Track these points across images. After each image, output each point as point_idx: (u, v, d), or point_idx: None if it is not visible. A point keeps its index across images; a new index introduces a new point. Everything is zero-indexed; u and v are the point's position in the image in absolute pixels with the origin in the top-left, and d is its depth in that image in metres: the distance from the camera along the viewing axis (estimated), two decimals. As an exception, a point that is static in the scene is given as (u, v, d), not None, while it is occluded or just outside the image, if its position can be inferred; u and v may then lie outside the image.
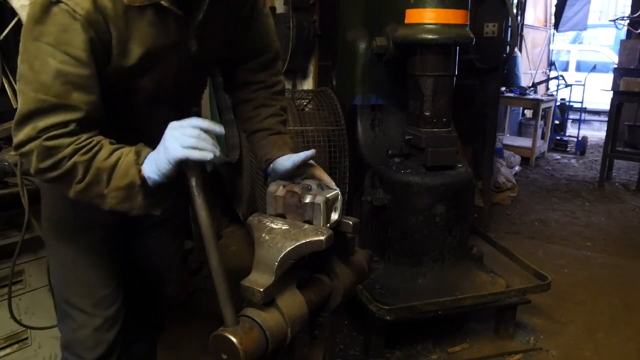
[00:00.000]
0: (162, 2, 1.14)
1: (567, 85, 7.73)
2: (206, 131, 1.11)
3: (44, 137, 1.08)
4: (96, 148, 1.12)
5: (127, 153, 1.13)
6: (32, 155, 1.09)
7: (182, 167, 1.12)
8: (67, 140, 1.09)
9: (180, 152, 1.08)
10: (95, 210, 1.20)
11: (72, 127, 1.10)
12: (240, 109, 1.52)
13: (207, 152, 1.10)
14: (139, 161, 1.12)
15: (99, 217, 1.32)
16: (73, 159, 1.09)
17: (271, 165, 1.41)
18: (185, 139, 1.09)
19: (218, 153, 1.12)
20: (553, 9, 8.53)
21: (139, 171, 1.12)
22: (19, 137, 1.10)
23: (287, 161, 1.37)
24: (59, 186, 1.15)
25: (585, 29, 9.36)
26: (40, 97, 1.07)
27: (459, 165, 2.73)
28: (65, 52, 1.07)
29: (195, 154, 1.09)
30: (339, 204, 1.29)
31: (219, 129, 1.14)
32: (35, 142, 1.08)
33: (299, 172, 1.38)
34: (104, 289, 1.44)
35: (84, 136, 1.11)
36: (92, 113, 1.13)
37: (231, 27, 1.38)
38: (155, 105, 1.30)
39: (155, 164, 1.11)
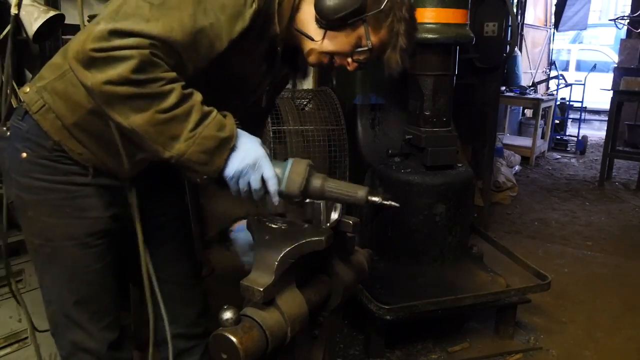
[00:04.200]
0: (278, 49, 1.26)
1: (567, 85, 7.73)
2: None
3: (153, 51, 1.00)
4: (193, 91, 1.06)
5: (219, 113, 1.10)
6: (126, 62, 0.98)
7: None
8: (169, 68, 1.03)
9: (233, 174, 1.10)
10: (97, 219, 1.31)
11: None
12: None
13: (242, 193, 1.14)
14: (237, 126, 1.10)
15: (100, 226, 1.34)
16: (173, 85, 1.02)
17: None
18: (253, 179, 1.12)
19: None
20: (553, 9, 8.53)
21: (236, 133, 1.09)
22: (123, 41, 0.98)
23: None
24: (134, 103, 1.01)
25: (585, 29, 9.36)
26: (175, 28, 1.03)
27: (459, 165, 2.73)
28: (230, 17, 1.09)
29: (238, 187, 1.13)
30: (338, 204, 1.29)
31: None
32: (141, 50, 0.99)
33: None
34: (99, 303, 1.42)
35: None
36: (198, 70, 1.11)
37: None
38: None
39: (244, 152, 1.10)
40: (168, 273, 1.56)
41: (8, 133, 1.33)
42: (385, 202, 1.18)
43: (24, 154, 1.29)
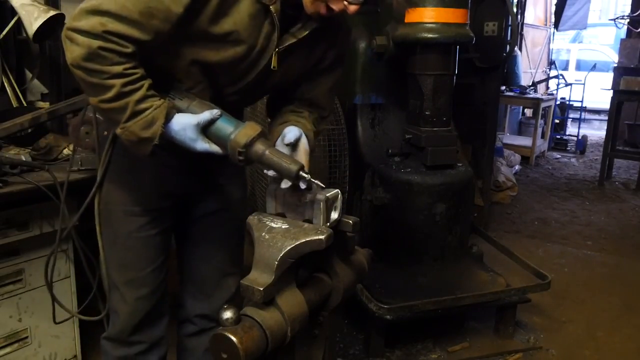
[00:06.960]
0: (271, 8, 1.23)
1: (567, 84, 7.74)
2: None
3: (102, 44, 1.10)
4: (137, 85, 1.16)
5: (158, 106, 1.19)
6: (79, 49, 1.10)
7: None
8: (118, 59, 1.13)
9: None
10: (149, 195, 1.43)
11: (130, 49, 1.14)
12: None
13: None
14: (165, 121, 1.19)
15: (150, 201, 1.46)
16: (114, 81, 1.13)
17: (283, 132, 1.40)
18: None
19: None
20: (553, 8, 8.52)
21: (161, 131, 1.19)
22: (81, 23, 1.11)
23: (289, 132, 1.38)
24: (86, 87, 1.17)
25: (585, 28, 9.36)
26: (127, 5, 1.11)
27: (459, 165, 2.73)
28: None
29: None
30: (338, 203, 1.29)
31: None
32: (92, 41, 1.10)
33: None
34: (137, 271, 1.51)
35: (133, 64, 1.15)
36: (153, 45, 1.18)
37: (307, 67, 1.43)
38: (208, 90, 1.35)
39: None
40: (209, 254, 1.63)
41: None
42: (314, 181, 1.23)
43: (105, 132, 1.50)
